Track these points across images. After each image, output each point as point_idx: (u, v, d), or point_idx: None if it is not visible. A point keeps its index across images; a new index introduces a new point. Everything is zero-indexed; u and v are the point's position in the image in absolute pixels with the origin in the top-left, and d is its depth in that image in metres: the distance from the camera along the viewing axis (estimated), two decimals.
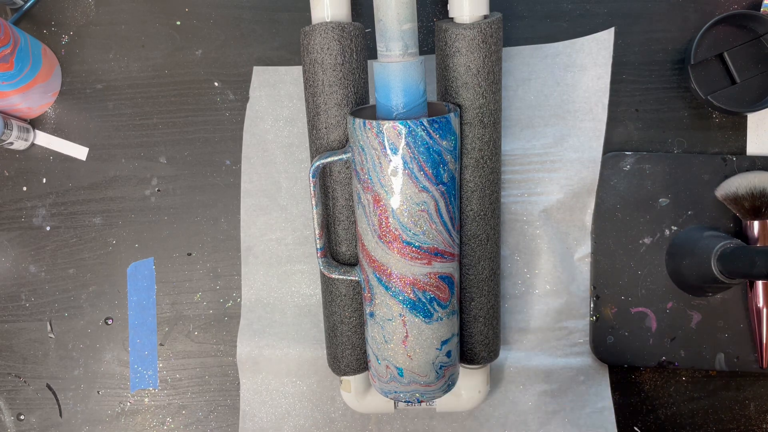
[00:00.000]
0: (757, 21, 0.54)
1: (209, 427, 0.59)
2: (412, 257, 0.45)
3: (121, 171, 0.59)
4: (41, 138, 0.59)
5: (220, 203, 0.59)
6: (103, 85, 0.59)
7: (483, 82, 0.47)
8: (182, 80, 0.59)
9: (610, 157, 0.56)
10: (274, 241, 0.58)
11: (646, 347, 0.56)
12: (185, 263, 0.59)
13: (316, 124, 0.49)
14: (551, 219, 0.57)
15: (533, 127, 0.57)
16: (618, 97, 0.57)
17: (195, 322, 0.59)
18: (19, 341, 0.59)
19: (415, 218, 0.44)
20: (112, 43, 0.59)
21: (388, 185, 0.43)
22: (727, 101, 0.54)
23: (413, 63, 0.43)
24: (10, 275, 0.59)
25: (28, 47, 0.54)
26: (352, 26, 0.47)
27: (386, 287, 0.46)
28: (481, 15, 0.47)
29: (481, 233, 0.50)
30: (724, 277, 0.50)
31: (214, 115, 0.59)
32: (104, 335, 0.59)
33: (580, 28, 0.57)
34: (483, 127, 0.48)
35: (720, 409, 0.56)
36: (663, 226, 0.56)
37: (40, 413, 0.59)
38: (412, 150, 0.42)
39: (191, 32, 0.59)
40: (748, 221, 0.54)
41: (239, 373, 0.58)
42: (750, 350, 0.55)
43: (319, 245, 0.49)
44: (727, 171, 0.55)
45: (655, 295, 0.56)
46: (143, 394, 0.59)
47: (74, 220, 0.59)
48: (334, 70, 0.47)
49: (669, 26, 0.57)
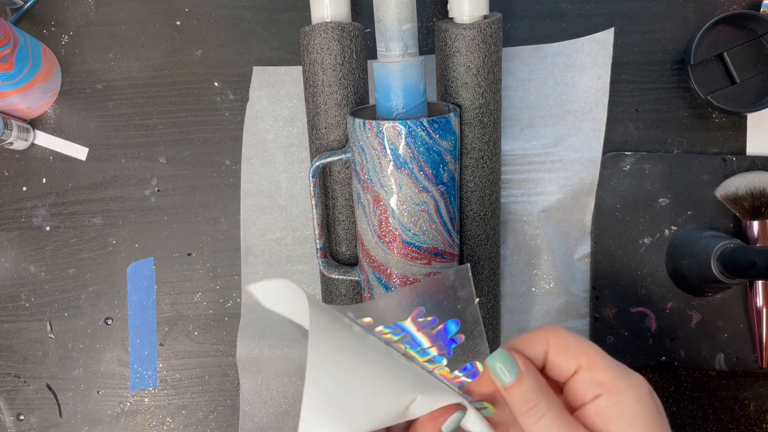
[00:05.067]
0: (757, 21, 0.54)
1: (209, 427, 0.59)
2: (412, 257, 0.45)
3: (121, 171, 0.59)
4: (41, 138, 0.59)
5: (220, 203, 0.59)
6: (103, 85, 0.59)
7: (483, 82, 0.47)
8: (182, 80, 0.59)
9: (610, 157, 0.56)
10: (274, 241, 0.58)
11: (646, 347, 0.56)
12: (185, 263, 0.59)
13: (316, 124, 0.49)
14: (551, 219, 0.57)
15: (533, 127, 0.57)
16: (618, 97, 0.57)
17: (195, 322, 0.59)
18: (18, 341, 0.59)
19: (415, 218, 0.44)
20: (112, 43, 0.59)
21: (388, 185, 0.43)
22: (727, 101, 0.54)
23: (413, 63, 0.43)
24: (10, 275, 0.59)
25: (27, 47, 0.54)
26: (352, 26, 0.47)
27: (386, 287, 0.46)
28: (481, 15, 0.47)
29: (481, 233, 0.50)
30: (724, 277, 0.50)
31: (214, 115, 0.59)
32: (104, 335, 0.59)
33: (580, 28, 0.57)
34: (483, 127, 0.48)
35: (720, 409, 0.56)
36: (663, 226, 0.56)
37: (39, 413, 0.59)
38: (412, 150, 0.42)
39: (191, 32, 0.59)
40: (748, 221, 0.54)
41: (239, 373, 0.58)
42: (750, 350, 0.55)
43: (319, 245, 0.49)
44: (727, 171, 0.55)
45: (655, 295, 0.56)
46: (143, 394, 0.59)
47: (74, 220, 0.59)
48: (334, 70, 0.47)
49: (669, 26, 0.57)
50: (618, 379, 0.31)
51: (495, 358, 0.32)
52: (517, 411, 0.31)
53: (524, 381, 0.31)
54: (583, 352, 0.32)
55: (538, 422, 0.31)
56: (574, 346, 0.32)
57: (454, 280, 0.31)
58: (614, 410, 0.30)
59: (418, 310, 0.32)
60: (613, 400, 0.30)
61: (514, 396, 0.31)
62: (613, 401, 0.30)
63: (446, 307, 0.31)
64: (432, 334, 0.32)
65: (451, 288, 0.31)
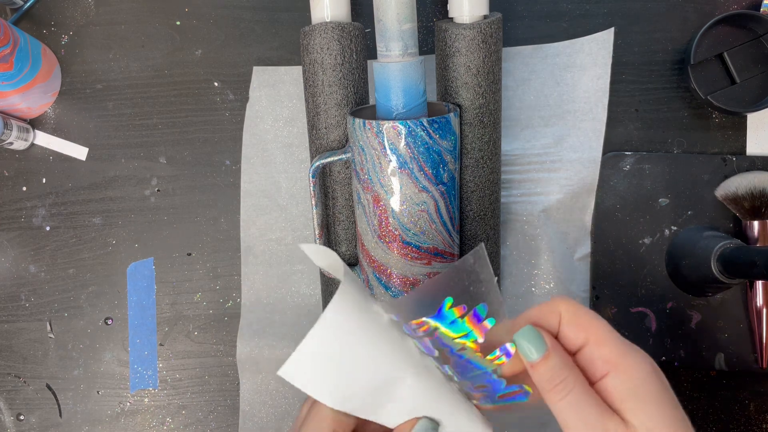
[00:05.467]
0: (757, 21, 0.54)
1: (209, 427, 0.59)
2: (412, 257, 0.45)
3: (121, 171, 0.59)
4: (41, 138, 0.59)
5: (219, 203, 0.59)
6: (103, 85, 0.59)
7: (483, 82, 0.47)
8: (182, 80, 0.59)
9: (610, 157, 0.56)
10: (274, 241, 0.58)
11: (646, 347, 0.55)
12: (185, 263, 0.59)
13: (316, 124, 0.49)
14: (551, 219, 0.57)
15: (533, 127, 0.57)
16: (618, 97, 0.57)
17: (195, 322, 0.59)
18: (18, 341, 0.59)
19: (415, 218, 0.44)
20: (111, 43, 0.59)
21: (387, 185, 0.43)
22: (727, 101, 0.54)
23: (413, 63, 0.43)
24: (10, 275, 0.59)
25: (27, 47, 0.54)
26: (352, 26, 0.47)
27: (386, 287, 0.46)
28: (481, 15, 0.47)
29: (481, 233, 0.50)
30: (724, 277, 0.50)
31: (214, 115, 0.59)
32: (104, 335, 0.59)
33: (580, 28, 0.57)
34: (483, 127, 0.48)
35: (720, 409, 0.56)
36: (663, 226, 0.56)
37: (39, 413, 0.59)
38: (412, 150, 0.42)
39: (191, 32, 0.59)
40: (748, 221, 0.54)
41: (239, 373, 0.58)
42: (750, 350, 0.55)
43: (319, 245, 0.49)
44: (727, 171, 0.55)
45: (655, 295, 0.56)
46: (143, 394, 0.59)
47: (74, 220, 0.59)
48: (334, 70, 0.47)
49: (669, 26, 0.57)
50: (624, 357, 0.31)
51: (522, 335, 0.32)
52: (543, 388, 0.31)
53: (551, 357, 0.31)
54: (592, 324, 0.32)
55: (565, 398, 0.31)
56: (585, 319, 0.32)
57: (474, 262, 0.31)
58: (625, 388, 0.31)
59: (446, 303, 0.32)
60: (621, 377, 0.31)
61: (541, 372, 0.31)
62: (621, 379, 0.31)
63: (473, 292, 0.31)
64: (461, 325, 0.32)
65: (473, 272, 0.31)
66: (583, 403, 0.31)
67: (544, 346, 0.31)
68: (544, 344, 0.31)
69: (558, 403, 0.31)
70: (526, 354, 0.31)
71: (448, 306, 0.31)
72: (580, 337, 0.32)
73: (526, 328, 0.32)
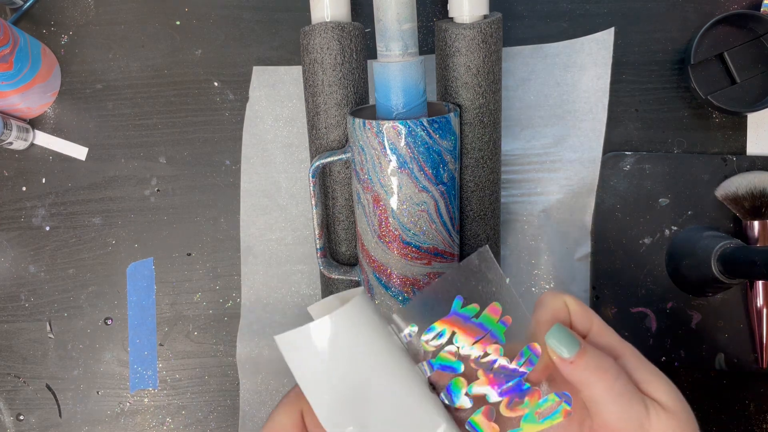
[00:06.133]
0: (757, 21, 0.54)
1: (209, 427, 0.59)
2: (412, 257, 0.45)
3: (121, 171, 0.59)
4: (41, 138, 0.59)
5: (219, 203, 0.59)
6: (103, 85, 0.59)
7: (483, 82, 0.47)
8: (182, 80, 0.59)
9: (610, 157, 0.56)
10: (274, 241, 0.58)
11: (646, 347, 0.56)
12: (185, 263, 0.59)
13: (316, 124, 0.49)
14: (551, 219, 0.57)
15: (533, 127, 0.57)
16: (618, 97, 0.57)
17: (195, 323, 0.59)
18: (18, 341, 0.59)
19: (415, 218, 0.44)
20: (111, 43, 0.59)
21: (387, 185, 0.43)
22: (727, 101, 0.54)
23: (413, 63, 0.43)
24: (10, 275, 0.59)
25: (27, 47, 0.54)
26: (351, 26, 0.47)
27: (386, 287, 0.46)
28: (481, 15, 0.47)
29: (481, 233, 0.50)
30: (724, 277, 0.50)
31: (214, 115, 0.59)
32: (104, 335, 0.59)
33: (580, 28, 0.57)
34: (483, 127, 0.48)
35: (720, 409, 0.56)
36: (663, 226, 0.56)
37: (39, 413, 0.59)
38: (412, 150, 0.42)
39: (191, 32, 0.59)
40: (748, 221, 0.54)
41: (239, 374, 0.58)
42: (750, 350, 0.55)
43: (319, 245, 0.49)
44: (727, 171, 0.55)
45: (655, 295, 0.56)
46: (143, 394, 0.59)
47: (74, 220, 0.59)
48: (334, 70, 0.47)
49: (669, 26, 0.57)
50: (623, 343, 0.33)
51: (554, 334, 0.31)
52: (586, 381, 0.31)
53: (588, 351, 0.31)
54: (592, 315, 0.33)
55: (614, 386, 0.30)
56: (587, 310, 0.33)
57: (480, 263, 0.30)
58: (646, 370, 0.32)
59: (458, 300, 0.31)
60: (632, 362, 0.32)
61: (581, 367, 0.31)
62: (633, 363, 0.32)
63: (482, 292, 0.31)
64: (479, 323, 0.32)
65: (479, 272, 0.31)
66: (630, 387, 0.31)
67: (577, 342, 0.31)
68: (576, 340, 0.31)
69: (606, 393, 0.30)
70: (561, 352, 0.31)
71: (461, 306, 0.31)
72: (586, 328, 0.33)
73: (555, 328, 0.32)
